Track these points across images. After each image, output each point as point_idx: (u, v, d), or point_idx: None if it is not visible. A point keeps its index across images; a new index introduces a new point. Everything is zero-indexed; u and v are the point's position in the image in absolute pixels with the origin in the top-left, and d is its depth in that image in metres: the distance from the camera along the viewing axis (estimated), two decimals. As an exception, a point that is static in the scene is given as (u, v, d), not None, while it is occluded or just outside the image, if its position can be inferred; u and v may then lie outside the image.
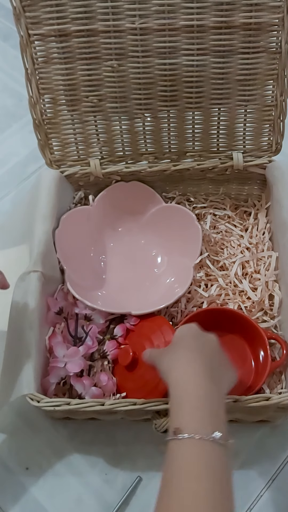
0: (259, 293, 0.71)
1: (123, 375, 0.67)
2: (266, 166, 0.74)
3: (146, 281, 0.75)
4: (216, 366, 0.50)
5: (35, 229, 0.69)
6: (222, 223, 0.79)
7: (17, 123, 1.00)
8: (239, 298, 0.71)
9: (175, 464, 0.42)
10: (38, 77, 0.68)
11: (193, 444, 0.43)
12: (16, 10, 0.64)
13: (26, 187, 0.92)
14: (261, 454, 0.66)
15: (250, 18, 0.64)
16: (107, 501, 0.64)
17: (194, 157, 0.76)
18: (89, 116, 0.72)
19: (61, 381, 0.64)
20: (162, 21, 0.64)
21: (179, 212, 0.75)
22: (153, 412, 0.57)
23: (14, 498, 0.65)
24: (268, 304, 0.71)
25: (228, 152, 0.75)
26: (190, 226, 0.72)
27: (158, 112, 0.72)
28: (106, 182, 0.77)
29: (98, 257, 0.77)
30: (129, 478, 0.65)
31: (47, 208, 0.71)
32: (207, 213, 0.79)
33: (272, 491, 0.64)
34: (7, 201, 0.90)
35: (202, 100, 0.70)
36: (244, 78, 0.68)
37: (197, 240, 0.71)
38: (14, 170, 0.94)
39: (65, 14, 0.64)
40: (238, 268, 0.73)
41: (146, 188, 0.78)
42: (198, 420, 0.44)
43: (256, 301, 0.70)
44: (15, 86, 1.06)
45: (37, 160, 0.92)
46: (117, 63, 0.67)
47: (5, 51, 1.12)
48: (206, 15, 0.64)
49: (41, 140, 0.73)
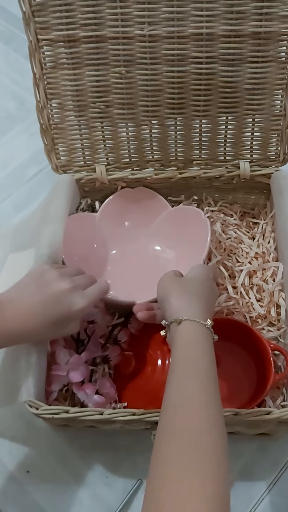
0: (264, 304, 0.70)
1: (124, 383, 0.66)
2: (271, 176, 0.74)
3: (154, 279, 0.73)
4: (208, 295, 0.57)
5: (42, 231, 0.69)
6: (231, 228, 0.78)
7: (18, 126, 1.01)
8: (245, 309, 0.70)
9: (179, 339, 0.51)
10: (46, 82, 0.69)
11: (192, 325, 0.51)
12: (26, 15, 0.64)
13: (27, 189, 0.92)
14: (262, 458, 0.66)
15: (259, 27, 0.63)
16: (108, 504, 0.64)
17: (200, 165, 0.76)
18: (96, 122, 0.72)
19: (64, 388, 0.63)
20: (171, 29, 0.64)
21: (185, 212, 0.74)
22: (153, 422, 0.56)
23: (15, 501, 0.65)
24: (275, 314, 0.70)
25: (235, 161, 0.75)
26: (198, 222, 0.71)
27: (165, 120, 0.72)
28: (111, 188, 0.77)
29: (104, 260, 0.77)
30: (130, 481, 0.65)
31: (55, 210, 0.70)
32: (216, 220, 0.78)
33: (273, 495, 0.64)
34: (8, 203, 0.91)
35: (210, 108, 0.70)
36: (252, 87, 0.68)
37: (205, 234, 0.69)
38: (15, 172, 0.95)
39: (74, 20, 0.64)
40: (245, 277, 0.72)
41: (152, 193, 0.77)
42: (195, 310, 0.53)
43: (262, 314, 0.69)
44: (17, 89, 1.06)
45: (38, 163, 0.92)
46: (125, 69, 0.67)
47: (7, 54, 1.12)
48: (215, 23, 0.63)
49: (47, 145, 0.73)
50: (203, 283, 0.58)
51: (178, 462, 0.40)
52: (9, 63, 1.11)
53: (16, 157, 0.96)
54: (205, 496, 0.38)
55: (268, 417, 0.55)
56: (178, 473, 0.39)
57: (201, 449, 0.41)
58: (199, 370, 0.48)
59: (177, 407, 0.45)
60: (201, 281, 0.58)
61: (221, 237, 0.76)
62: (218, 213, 0.80)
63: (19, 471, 0.67)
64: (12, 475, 0.66)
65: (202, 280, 0.58)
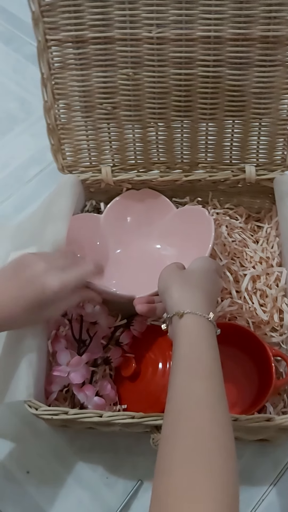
0: (268, 309, 0.70)
1: (124, 385, 0.66)
2: (273, 179, 0.73)
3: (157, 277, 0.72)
4: (211, 287, 0.56)
5: (45, 230, 0.69)
6: (236, 231, 0.78)
7: (19, 127, 1.01)
8: (248, 315, 0.70)
9: (181, 334, 0.49)
10: (53, 82, 0.69)
11: (195, 318, 0.49)
12: (35, 15, 0.64)
13: (27, 190, 0.92)
14: (263, 458, 0.65)
15: (268, 31, 0.63)
16: (108, 505, 0.64)
17: (206, 168, 0.75)
18: (103, 123, 0.72)
19: (64, 388, 0.63)
20: (179, 31, 0.64)
21: (190, 212, 0.74)
22: (152, 426, 0.56)
23: (15, 501, 0.65)
24: (278, 319, 0.69)
25: (241, 165, 0.74)
26: (202, 221, 0.70)
27: (172, 122, 0.71)
28: (116, 189, 0.77)
29: (108, 259, 0.76)
30: (130, 481, 0.65)
31: (59, 210, 0.70)
32: (221, 223, 0.78)
33: (274, 496, 0.63)
34: (9, 204, 0.91)
35: (217, 111, 0.70)
36: (259, 91, 0.68)
37: (209, 233, 0.68)
38: (16, 173, 0.95)
39: (83, 21, 0.64)
40: (249, 282, 0.72)
41: (157, 194, 0.77)
42: (197, 302, 0.51)
43: (265, 320, 0.69)
44: (17, 89, 1.06)
45: (38, 163, 0.92)
46: (132, 71, 0.67)
47: (7, 54, 1.13)
48: (223, 27, 0.63)
49: (54, 145, 0.73)
50: (206, 275, 0.56)
51: (184, 469, 0.39)
52: (10, 64, 1.11)
53: (17, 157, 0.96)
54: (214, 500, 0.36)
55: (268, 423, 0.54)
56: (185, 480, 0.38)
57: (208, 453, 0.40)
58: (204, 367, 0.46)
59: (182, 409, 0.43)
60: (204, 273, 0.56)
61: (226, 240, 0.76)
62: (224, 216, 0.79)
63: (19, 471, 0.67)
64: (12, 476, 0.66)
65: (205, 272, 0.56)
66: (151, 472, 0.63)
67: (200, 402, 0.43)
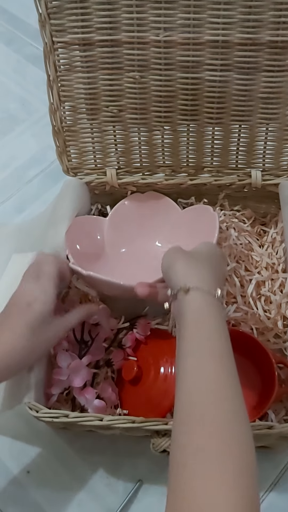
0: (272, 316, 0.69)
1: (126, 388, 0.66)
2: (279, 184, 0.73)
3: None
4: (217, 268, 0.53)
5: (48, 233, 0.69)
6: (243, 234, 0.77)
7: (19, 127, 1.01)
8: (252, 321, 0.70)
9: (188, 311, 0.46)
10: (59, 84, 0.68)
11: (202, 295, 0.47)
12: (42, 17, 0.64)
13: (28, 190, 0.92)
14: (263, 458, 0.65)
15: (276, 36, 0.62)
16: (108, 505, 0.64)
17: (211, 173, 0.75)
18: (108, 126, 0.72)
19: (64, 391, 0.63)
20: (186, 35, 0.63)
21: (195, 211, 0.74)
22: (152, 431, 0.56)
23: (15, 501, 0.65)
24: (282, 326, 0.69)
25: (247, 170, 0.74)
26: (207, 218, 0.69)
27: (178, 126, 0.71)
28: (121, 192, 0.76)
29: (112, 260, 0.76)
30: (130, 482, 0.65)
31: (61, 213, 0.70)
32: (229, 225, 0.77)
33: (274, 496, 0.63)
34: (9, 204, 0.91)
35: (223, 116, 0.70)
36: (267, 96, 0.67)
37: (213, 228, 0.66)
38: (16, 173, 0.95)
39: (90, 23, 0.64)
40: (254, 288, 0.71)
41: (162, 197, 0.77)
42: (204, 278, 0.49)
43: (269, 327, 0.69)
44: (18, 89, 1.06)
45: (39, 163, 0.92)
46: (139, 74, 0.67)
47: (8, 55, 1.13)
48: (231, 31, 0.63)
49: (59, 147, 0.73)
50: (211, 257, 0.54)
51: (202, 459, 0.37)
52: (10, 64, 1.11)
53: (17, 157, 0.96)
54: (235, 487, 0.36)
55: (270, 431, 0.54)
56: (200, 470, 0.37)
57: (223, 442, 0.38)
58: (214, 348, 0.44)
59: (195, 397, 0.41)
60: (209, 256, 0.54)
61: (234, 242, 0.76)
62: (231, 217, 0.79)
63: (20, 471, 0.67)
64: (12, 476, 0.66)
65: (211, 256, 0.54)
66: (151, 472, 0.65)
67: (214, 389, 0.41)
